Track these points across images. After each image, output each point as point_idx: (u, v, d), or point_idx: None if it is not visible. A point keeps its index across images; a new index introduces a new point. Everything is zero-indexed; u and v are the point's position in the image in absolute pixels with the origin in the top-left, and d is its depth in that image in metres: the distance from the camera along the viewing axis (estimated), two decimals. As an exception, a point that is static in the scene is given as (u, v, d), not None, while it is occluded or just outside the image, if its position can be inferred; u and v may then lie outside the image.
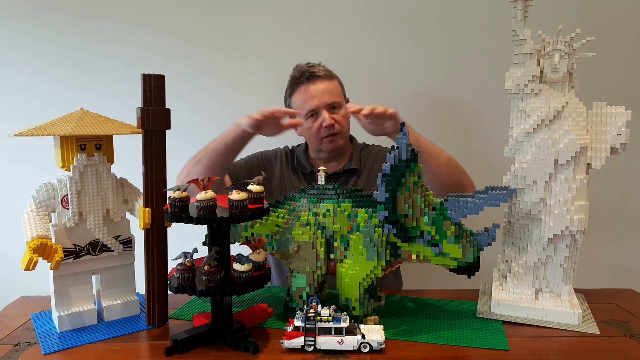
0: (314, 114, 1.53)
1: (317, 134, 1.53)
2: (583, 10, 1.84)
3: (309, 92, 1.52)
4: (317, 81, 1.53)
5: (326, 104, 1.51)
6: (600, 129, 1.07)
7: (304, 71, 1.55)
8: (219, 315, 1.01)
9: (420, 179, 1.03)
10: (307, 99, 1.52)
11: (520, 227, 1.14)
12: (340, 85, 1.59)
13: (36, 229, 0.99)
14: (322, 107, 1.51)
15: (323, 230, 1.08)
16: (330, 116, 1.51)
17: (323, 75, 1.54)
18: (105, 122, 1.07)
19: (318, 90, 1.52)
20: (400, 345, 1.00)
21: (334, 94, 1.53)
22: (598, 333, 1.06)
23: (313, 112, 1.52)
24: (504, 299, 1.14)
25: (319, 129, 1.52)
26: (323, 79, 1.54)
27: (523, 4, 1.05)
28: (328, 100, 1.51)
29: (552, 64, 1.06)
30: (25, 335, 1.06)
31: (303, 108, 1.53)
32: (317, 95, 1.51)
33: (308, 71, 1.54)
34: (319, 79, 1.53)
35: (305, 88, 1.53)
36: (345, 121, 1.56)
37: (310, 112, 1.53)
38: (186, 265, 0.95)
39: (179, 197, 0.94)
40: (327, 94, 1.52)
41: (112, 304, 1.12)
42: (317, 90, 1.52)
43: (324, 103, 1.51)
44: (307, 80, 1.53)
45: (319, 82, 1.53)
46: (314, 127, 1.53)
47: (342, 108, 1.55)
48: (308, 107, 1.52)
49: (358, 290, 1.07)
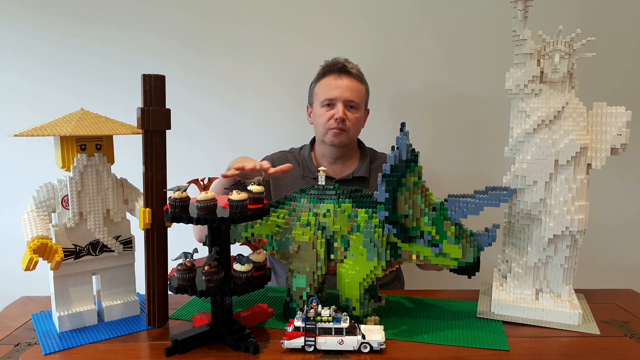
0: (330, 103, 1.56)
1: (326, 123, 1.56)
2: (583, 10, 1.84)
3: (335, 81, 1.56)
4: (347, 75, 1.56)
5: (346, 98, 1.54)
6: (600, 129, 1.07)
7: (339, 62, 1.59)
8: (219, 315, 1.01)
9: (420, 179, 1.03)
10: (330, 87, 1.56)
11: (520, 227, 1.14)
12: (367, 91, 1.62)
13: (36, 229, 0.99)
14: (340, 99, 1.54)
15: (323, 230, 1.08)
16: (344, 111, 1.54)
17: (354, 74, 1.57)
18: (105, 122, 1.07)
19: (344, 83, 1.55)
20: (400, 345, 1.00)
21: (357, 94, 1.56)
22: (598, 333, 1.06)
23: (330, 101, 1.55)
24: (504, 299, 1.14)
25: (329, 119, 1.55)
26: (353, 77, 1.57)
27: (523, 4, 1.05)
28: (349, 96, 1.54)
29: (552, 64, 1.06)
30: (25, 335, 1.06)
31: (323, 94, 1.57)
32: (341, 87, 1.55)
33: (343, 63, 1.58)
34: (350, 75, 1.57)
35: (334, 77, 1.57)
36: (356, 123, 1.58)
37: (327, 100, 1.56)
38: (186, 265, 0.95)
39: (179, 197, 0.94)
40: (351, 90, 1.55)
41: (112, 304, 1.12)
42: (343, 83, 1.55)
43: (344, 97, 1.54)
44: (338, 71, 1.57)
45: (348, 77, 1.56)
46: (325, 115, 1.56)
47: (359, 111, 1.58)
48: (328, 94, 1.55)
49: (358, 290, 1.07)
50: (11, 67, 1.87)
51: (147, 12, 1.86)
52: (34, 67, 1.87)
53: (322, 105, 1.57)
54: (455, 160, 1.94)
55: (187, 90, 1.88)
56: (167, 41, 1.87)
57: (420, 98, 1.93)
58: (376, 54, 1.89)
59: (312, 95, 1.63)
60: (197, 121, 1.91)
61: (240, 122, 1.93)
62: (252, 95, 1.92)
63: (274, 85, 1.90)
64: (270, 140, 1.89)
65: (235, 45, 1.89)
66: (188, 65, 1.89)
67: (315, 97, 1.60)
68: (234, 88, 1.92)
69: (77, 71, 1.87)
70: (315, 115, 1.61)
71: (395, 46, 1.89)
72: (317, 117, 1.59)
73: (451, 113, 1.93)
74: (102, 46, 1.87)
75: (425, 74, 1.91)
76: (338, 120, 1.53)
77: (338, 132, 1.55)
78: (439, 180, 1.90)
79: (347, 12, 1.88)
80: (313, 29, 1.88)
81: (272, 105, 1.92)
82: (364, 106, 1.63)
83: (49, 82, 1.87)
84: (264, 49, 1.89)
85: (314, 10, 1.87)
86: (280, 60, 1.88)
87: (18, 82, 1.87)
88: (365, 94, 1.61)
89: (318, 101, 1.58)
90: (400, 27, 1.88)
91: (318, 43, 1.88)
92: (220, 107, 1.92)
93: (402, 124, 1.03)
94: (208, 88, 1.91)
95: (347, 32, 1.88)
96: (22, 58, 1.86)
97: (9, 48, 1.86)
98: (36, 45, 1.86)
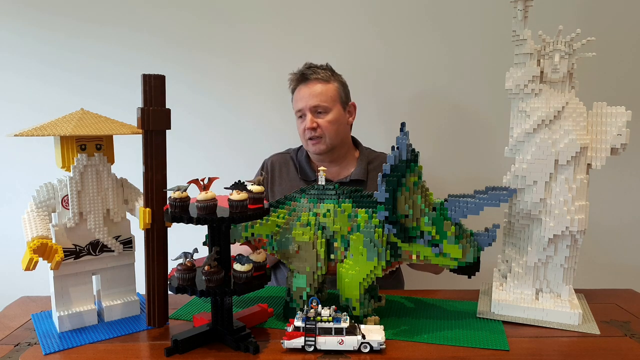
0: (301, 114, 1.56)
1: (303, 135, 1.57)
2: (583, 10, 1.84)
3: (299, 92, 1.57)
4: (308, 83, 1.55)
5: (311, 106, 1.53)
6: (600, 129, 1.07)
7: (300, 71, 1.58)
8: (219, 315, 1.01)
9: (420, 179, 1.03)
10: (296, 99, 1.57)
11: (520, 227, 1.14)
12: (338, 89, 1.57)
13: (36, 229, 0.99)
14: (306, 109, 1.54)
15: (323, 230, 1.08)
16: (313, 119, 1.52)
17: (314, 78, 1.54)
18: (105, 122, 1.07)
19: (306, 92, 1.54)
20: (400, 345, 1.00)
21: (322, 98, 1.53)
22: (598, 333, 1.06)
23: (300, 112, 1.56)
24: (504, 299, 1.14)
25: (304, 130, 1.55)
26: (315, 81, 1.54)
27: (523, 4, 1.05)
28: (312, 103, 1.53)
29: (552, 64, 1.06)
30: (25, 335, 1.06)
31: (294, 107, 1.59)
32: (304, 97, 1.54)
33: (302, 72, 1.57)
34: (310, 81, 1.55)
35: (299, 88, 1.57)
36: (330, 126, 1.53)
37: (298, 113, 1.57)
38: (186, 265, 0.95)
39: (179, 197, 0.94)
40: (314, 96, 1.53)
41: (112, 304, 1.12)
42: (305, 92, 1.54)
43: (308, 105, 1.53)
44: (298, 80, 1.57)
45: (310, 84, 1.54)
46: (300, 127, 1.57)
47: (330, 113, 1.54)
48: (296, 107, 1.57)
49: (358, 290, 1.07)
50: (11, 67, 1.87)
51: (147, 12, 1.86)
52: (34, 67, 1.87)
53: (297, 118, 1.59)
54: (455, 160, 1.94)
55: (187, 90, 1.88)
56: (167, 41, 1.87)
57: (420, 98, 1.92)
58: (376, 53, 1.89)
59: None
60: (197, 121, 1.91)
61: (240, 122, 1.93)
62: (251, 95, 1.92)
63: (274, 85, 1.90)
64: (269, 140, 1.90)
65: (235, 45, 1.89)
66: (188, 65, 1.88)
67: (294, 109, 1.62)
68: (234, 88, 1.92)
69: (77, 71, 1.87)
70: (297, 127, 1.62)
71: (395, 46, 1.89)
72: (298, 129, 1.61)
73: (451, 113, 1.92)
74: (102, 46, 1.87)
75: (425, 73, 1.90)
76: (309, 130, 1.53)
77: (315, 142, 1.54)
78: (439, 180, 1.90)
79: (347, 12, 1.87)
80: (313, 29, 1.88)
81: (271, 105, 1.92)
82: (339, 104, 1.56)
83: (49, 82, 1.87)
84: (263, 49, 1.89)
85: (314, 10, 1.87)
86: (280, 60, 1.88)
87: (18, 82, 1.87)
88: (335, 92, 1.56)
89: (295, 114, 1.60)
90: (400, 27, 1.88)
91: (318, 43, 1.88)
92: (220, 107, 1.92)
93: (402, 124, 1.03)
94: (208, 88, 1.91)
95: (347, 32, 1.88)
96: (22, 58, 1.86)
97: (9, 48, 1.86)
98: (36, 45, 1.86)
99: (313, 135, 1.53)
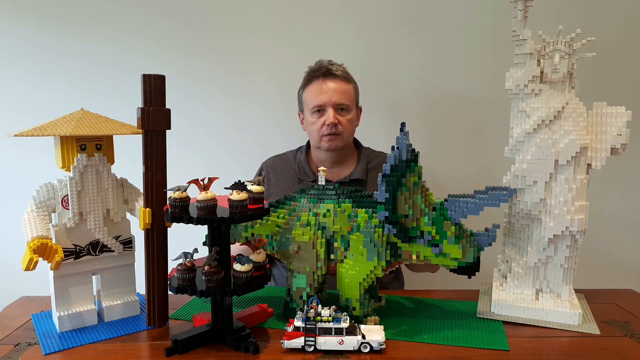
0: (320, 109, 1.54)
1: (319, 130, 1.54)
2: (583, 10, 1.84)
3: (321, 87, 1.53)
4: (332, 79, 1.54)
5: (335, 102, 1.52)
6: (600, 129, 1.07)
7: (323, 66, 1.56)
8: (219, 315, 1.01)
9: (420, 179, 1.03)
10: (317, 94, 1.53)
11: (520, 227, 1.14)
12: (355, 90, 1.59)
13: (36, 229, 0.99)
14: (329, 104, 1.52)
15: (323, 230, 1.08)
16: (335, 116, 1.52)
17: (339, 75, 1.55)
18: (105, 122, 1.07)
19: (330, 88, 1.53)
20: (400, 345, 1.00)
21: (345, 96, 1.54)
22: (598, 333, 1.06)
23: (320, 107, 1.53)
24: (504, 299, 1.14)
25: (322, 126, 1.53)
26: (339, 78, 1.54)
27: (523, 4, 1.05)
28: (337, 100, 1.52)
29: (552, 64, 1.06)
30: (25, 335, 1.06)
31: (311, 101, 1.54)
32: (328, 92, 1.52)
33: (326, 67, 1.56)
34: (335, 78, 1.54)
35: (319, 82, 1.54)
36: (349, 125, 1.55)
37: (316, 107, 1.54)
38: (186, 265, 0.95)
39: (179, 197, 0.94)
40: (339, 93, 1.53)
41: (112, 304, 1.12)
42: (329, 87, 1.53)
43: (332, 101, 1.52)
44: (323, 75, 1.55)
45: (333, 80, 1.54)
46: (317, 122, 1.54)
47: (350, 112, 1.56)
48: (316, 101, 1.53)
49: (358, 290, 1.07)
50: (11, 67, 1.87)
51: (147, 13, 1.86)
52: (34, 67, 1.87)
53: (312, 113, 1.55)
54: (455, 160, 1.94)
55: (187, 90, 1.88)
56: (167, 41, 1.87)
57: (420, 98, 1.92)
58: (376, 54, 1.89)
59: (302, 103, 1.61)
60: (198, 121, 1.91)
61: (240, 122, 1.93)
62: (250, 97, 1.92)
63: (272, 87, 1.90)
64: (269, 141, 1.90)
65: (234, 46, 1.89)
66: (188, 65, 1.88)
67: (305, 104, 1.58)
68: (234, 88, 1.92)
69: (78, 71, 1.87)
70: (307, 122, 1.59)
71: (395, 46, 1.89)
72: (310, 124, 1.57)
73: (451, 113, 1.92)
74: (102, 47, 1.87)
75: (425, 73, 1.90)
76: (330, 125, 1.51)
77: (332, 137, 1.53)
78: (439, 180, 1.90)
79: (345, 12, 1.87)
80: (311, 31, 1.88)
81: (271, 105, 1.92)
82: (355, 105, 1.60)
83: (49, 82, 1.87)
84: (261, 52, 1.89)
85: (310, 12, 1.87)
86: (278, 62, 1.88)
87: (18, 82, 1.87)
88: (354, 94, 1.58)
89: (308, 109, 1.56)
90: (400, 27, 1.88)
91: (316, 45, 1.88)
92: (220, 107, 1.92)
93: (402, 124, 1.03)
94: (208, 88, 1.91)
95: (345, 33, 1.88)
96: (23, 58, 1.86)
97: (9, 48, 1.86)
98: (36, 46, 1.86)
99: (334, 131, 1.52)
